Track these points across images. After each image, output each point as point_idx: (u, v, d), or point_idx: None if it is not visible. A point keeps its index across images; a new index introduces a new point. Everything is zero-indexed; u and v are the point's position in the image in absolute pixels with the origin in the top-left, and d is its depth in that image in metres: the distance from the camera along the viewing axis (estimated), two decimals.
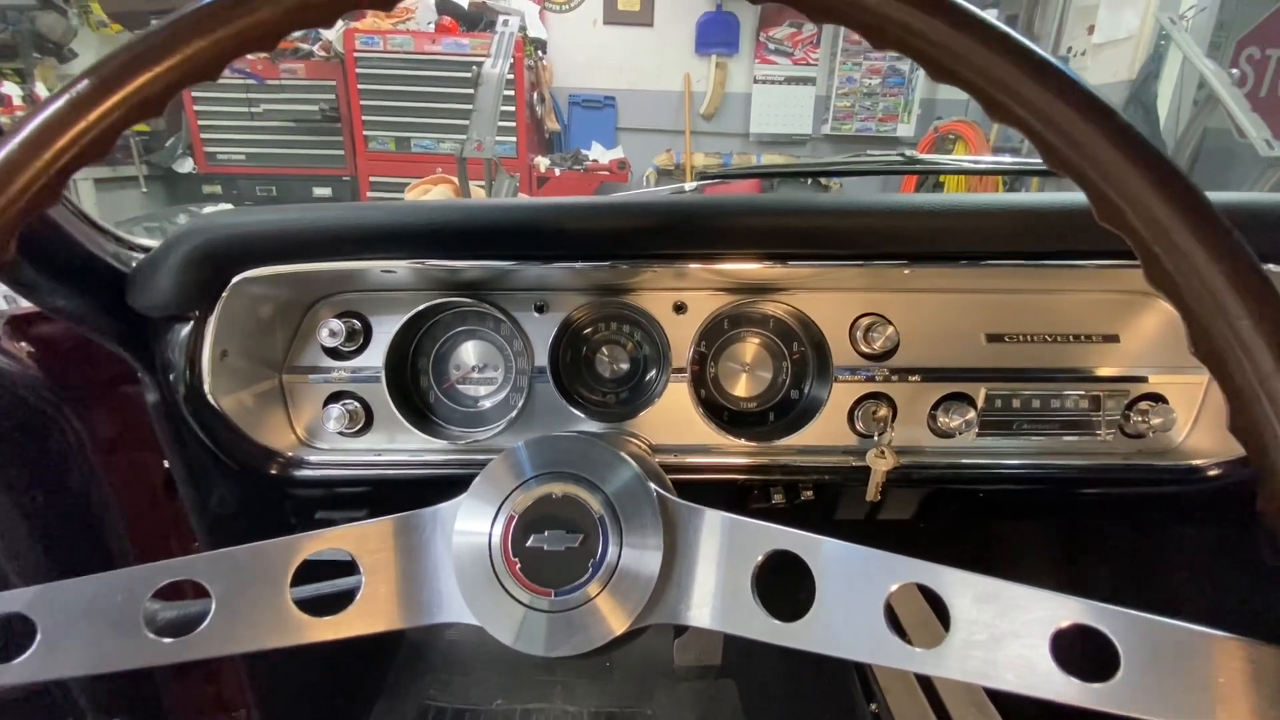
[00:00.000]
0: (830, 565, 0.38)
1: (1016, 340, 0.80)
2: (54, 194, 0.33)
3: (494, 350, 0.84)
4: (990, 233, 0.70)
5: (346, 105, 4.87)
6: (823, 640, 0.37)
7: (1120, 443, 0.81)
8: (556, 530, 0.44)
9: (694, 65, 5.75)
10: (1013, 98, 0.29)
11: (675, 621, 0.42)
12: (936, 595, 0.35)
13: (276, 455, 0.79)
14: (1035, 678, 0.32)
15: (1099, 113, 0.27)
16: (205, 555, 0.41)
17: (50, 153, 0.32)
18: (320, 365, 0.80)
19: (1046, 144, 0.29)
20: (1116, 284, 0.79)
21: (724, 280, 0.78)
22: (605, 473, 0.46)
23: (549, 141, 5.63)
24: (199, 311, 0.69)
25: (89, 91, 0.32)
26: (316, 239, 0.68)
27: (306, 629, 0.41)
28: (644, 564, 0.44)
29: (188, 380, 0.70)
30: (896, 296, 0.79)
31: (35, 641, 0.38)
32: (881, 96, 5.75)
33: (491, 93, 1.63)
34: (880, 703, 1.11)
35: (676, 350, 0.80)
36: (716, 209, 0.71)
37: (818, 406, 0.79)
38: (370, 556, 0.43)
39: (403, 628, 0.43)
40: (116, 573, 0.40)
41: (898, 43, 0.29)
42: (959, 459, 0.81)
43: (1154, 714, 0.30)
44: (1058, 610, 0.33)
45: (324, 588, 0.51)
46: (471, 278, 0.77)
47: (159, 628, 0.39)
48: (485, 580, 0.44)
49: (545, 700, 1.40)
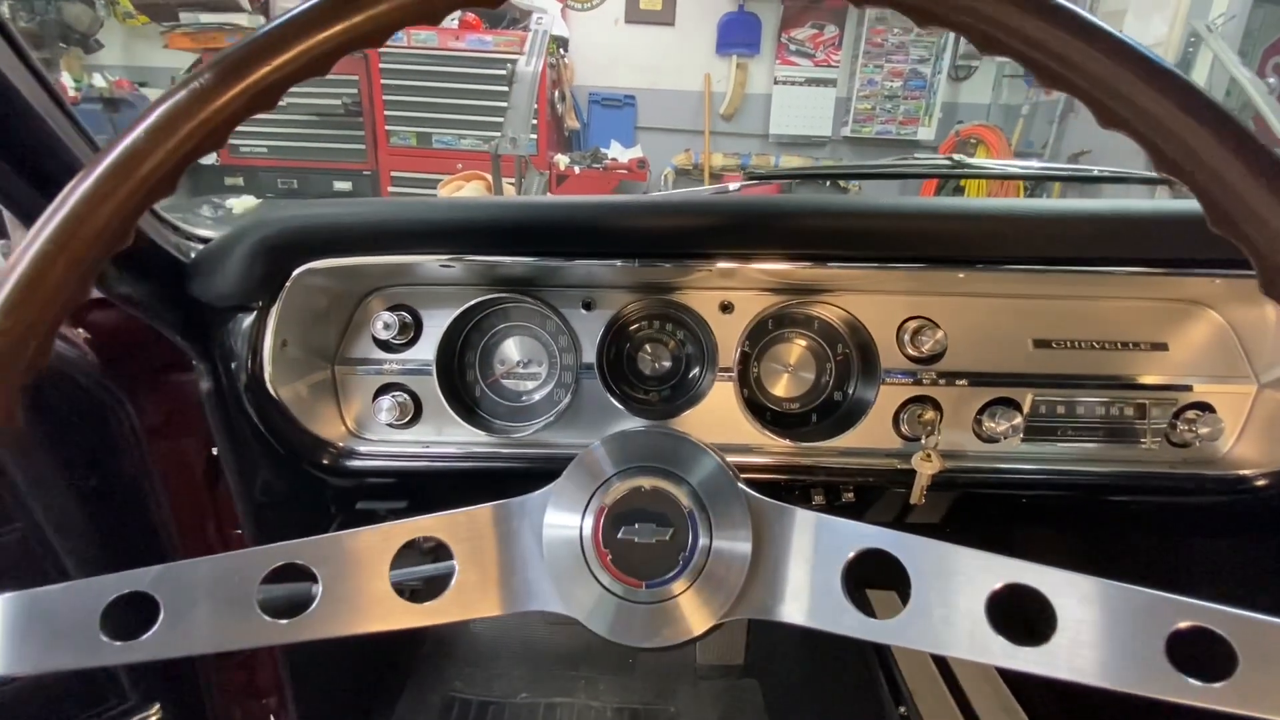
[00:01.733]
0: (927, 564, 0.39)
1: (1064, 346, 0.80)
2: (172, 184, 0.34)
3: (539, 346, 0.85)
4: (1043, 238, 0.70)
5: (369, 100, 4.90)
6: (921, 637, 0.38)
7: (1166, 451, 0.81)
8: (646, 523, 0.45)
9: (714, 65, 5.75)
10: (1126, 106, 0.29)
11: (764, 617, 0.43)
12: (1037, 597, 0.35)
13: (328, 445, 0.80)
14: (1149, 678, 0.33)
15: (1220, 121, 0.27)
16: (311, 540, 0.41)
17: (173, 142, 0.33)
18: (371, 357, 0.81)
19: (1159, 152, 0.29)
20: (1166, 292, 0.79)
21: (771, 280, 0.78)
22: (692, 466, 0.47)
23: (568, 139, 5.64)
24: (262, 302, 0.70)
25: (212, 82, 0.33)
26: (378, 233, 0.69)
27: (407, 614, 0.42)
28: (733, 559, 0.44)
29: (250, 369, 0.71)
30: (945, 300, 0.79)
31: (159, 619, 0.39)
32: (903, 99, 5.72)
33: (525, 90, 1.64)
34: (909, 705, 1.11)
35: (723, 349, 0.80)
36: (768, 209, 0.72)
37: (864, 408, 0.79)
38: (461, 544, 0.44)
39: (497, 614, 0.44)
40: (231, 554, 0.41)
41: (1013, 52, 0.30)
42: (1002, 464, 0.81)
43: (1270, 712, 0.30)
44: (1172, 612, 0.33)
45: (419, 571, 0.52)
46: (520, 274, 0.78)
47: (272, 610, 0.40)
48: (578, 570, 0.45)
49: (568, 695, 1.41)
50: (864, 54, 5.62)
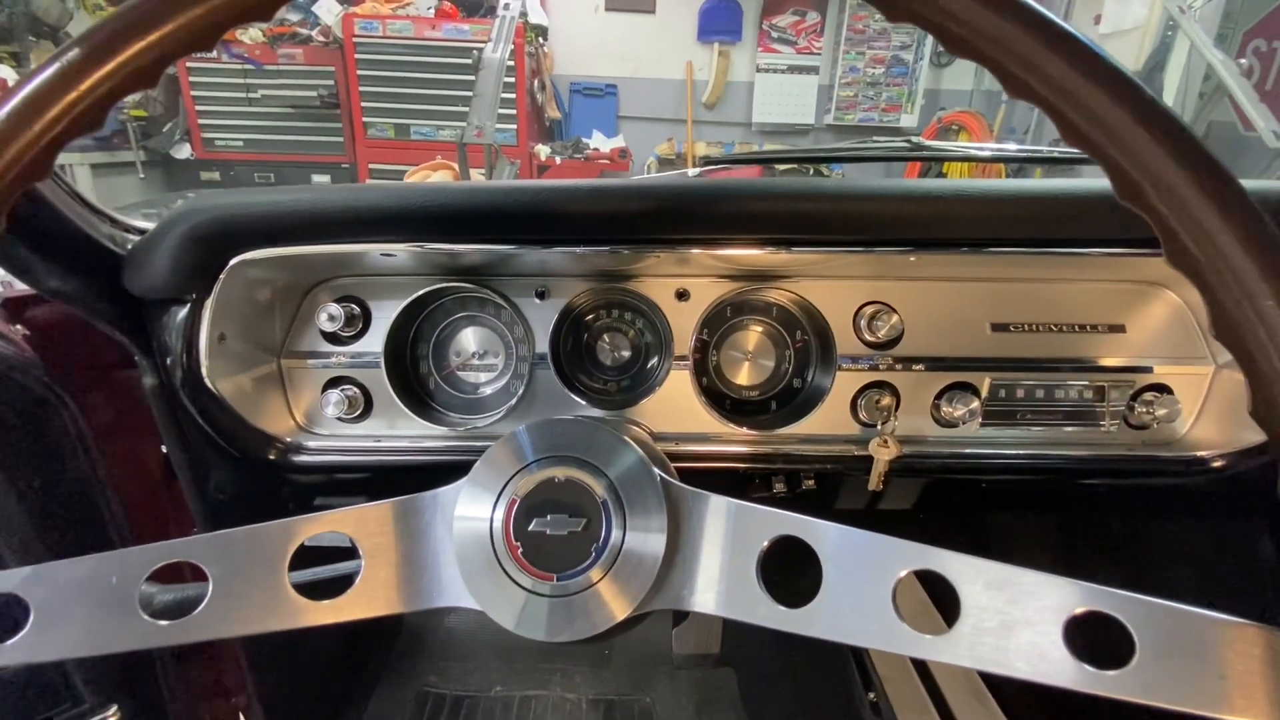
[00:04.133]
0: (837, 551, 0.38)
1: (1022, 330, 0.79)
2: (44, 168, 0.32)
3: (494, 337, 0.83)
4: (997, 219, 0.69)
5: (346, 91, 4.83)
6: (829, 627, 0.37)
7: (1125, 434, 0.81)
8: (559, 514, 0.44)
9: (696, 53, 5.71)
10: (1031, 72, 0.28)
11: (679, 607, 0.42)
12: (944, 583, 0.34)
13: (275, 441, 0.78)
14: (1047, 665, 0.32)
15: (1124, 87, 0.26)
16: (202, 537, 0.40)
17: (40, 124, 0.31)
18: (319, 350, 0.79)
19: (1066, 120, 0.28)
20: (1123, 273, 0.78)
21: (727, 267, 0.77)
22: (609, 457, 0.46)
23: (549, 129, 5.60)
24: (196, 294, 0.68)
25: (79, 60, 0.31)
26: (314, 220, 0.67)
27: (305, 612, 0.40)
28: (647, 549, 0.43)
29: (185, 364, 0.69)
30: (901, 285, 0.78)
31: (29, 623, 0.37)
32: (885, 86, 5.71)
33: (492, 78, 1.61)
34: (879, 691, 1.11)
35: (679, 337, 0.79)
36: (720, 193, 0.70)
37: (820, 395, 0.78)
38: (370, 540, 0.42)
39: (403, 612, 0.43)
40: (111, 554, 0.39)
41: (908, 14, 0.28)
42: (962, 449, 0.81)
43: (1169, 701, 0.30)
44: (1071, 596, 0.32)
45: (323, 572, 0.51)
46: (472, 262, 0.76)
47: (156, 611, 0.38)
48: (487, 564, 0.44)
49: (544, 688, 1.41)
50: (846, 40, 5.61)
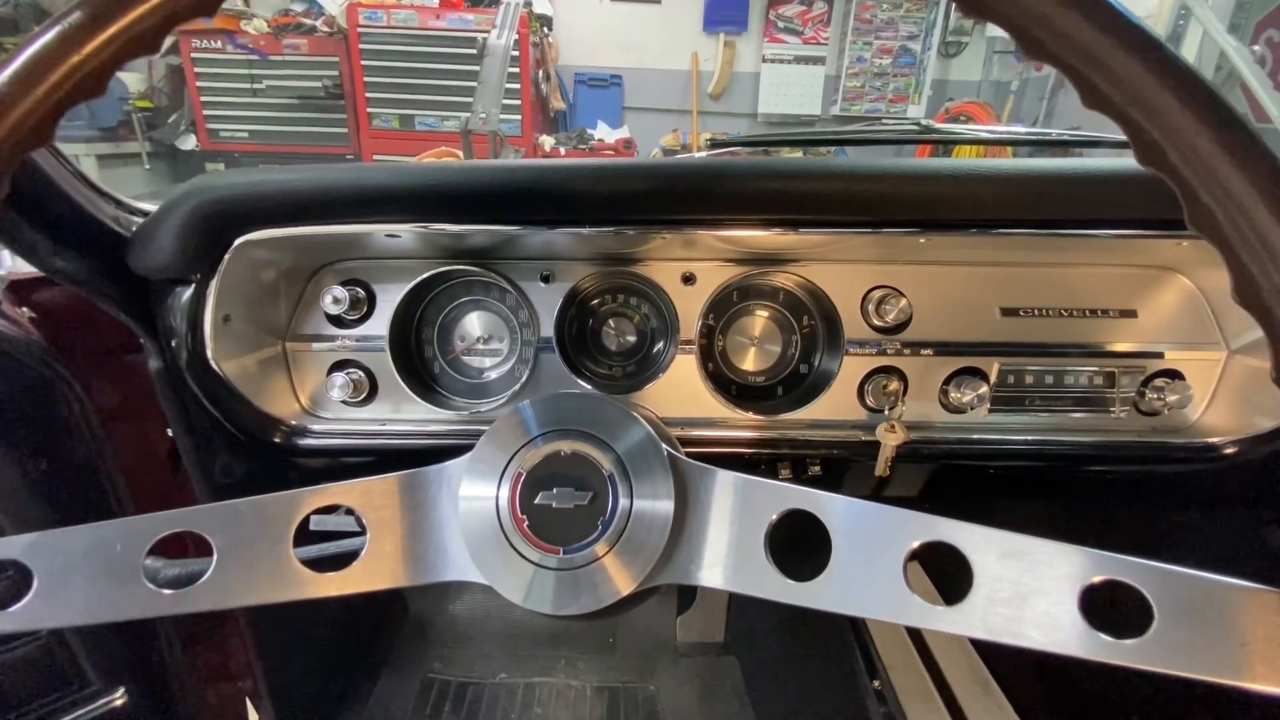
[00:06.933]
0: (847, 524, 0.37)
1: (1031, 315, 0.78)
2: (46, 133, 0.32)
3: (499, 321, 0.83)
4: (1008, 199, 0.68)
5: (350, 82, 4.81)
6: (839, 599, 0.36)
7: (1135, 420, 0.80)
8: (565, 488, 0.44)
9: (702, 44, 5.67)
10: (1049, 31, 0.27)
11: (685, 582, 0.42)
12: (949, 564, 0.34)
13: (280, 423, 0.78)
14: (1063, 635, 0.31)
15: (1145, 44, 0.25)
16: (206, 507, 0.40)
17: (42, 89, 0.30)
18: (324, 333, 0.79)
19: (1085, 80, 0.27)
20: (1135, 258, 0.77)
21: (733, 250, 0.77)
22: (616, 431, 0.45)
23: (554, 120, 5.57)
24: (201, 275, 0.68)
25: (81, 23, 0.30)
26: (318, 200, 0.67)
27: (309, 584, 0.40)
28: (654, 523, 0.43)
29: (190, 345, 0.69)
30: (909, 269, 0.77)
31: (32, 589, 0.37)
32: (892, 77, 5.66)
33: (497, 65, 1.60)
34: (883, 678, 1.11)
35: (685, 322, 0.78)
36: (726, 172, 0.69)
37: (828, 380, 0.78)
38: (375, 513, 0.42)
39: (408, 585, 0.42)
40: (114, 522, 0.39)
41: None
42: (970, 434, 0.80)
43: (1188, 670, 0.29)
44: (1087, 565, 0.32)
45: (328, 548, 0.50)
46: (476, 245, 0.75)
47: (161, 583, 0.38)
48: (492, 537, 0.44)
49: (548, 675, 1.41)
50: (853, 30, 5.56)
